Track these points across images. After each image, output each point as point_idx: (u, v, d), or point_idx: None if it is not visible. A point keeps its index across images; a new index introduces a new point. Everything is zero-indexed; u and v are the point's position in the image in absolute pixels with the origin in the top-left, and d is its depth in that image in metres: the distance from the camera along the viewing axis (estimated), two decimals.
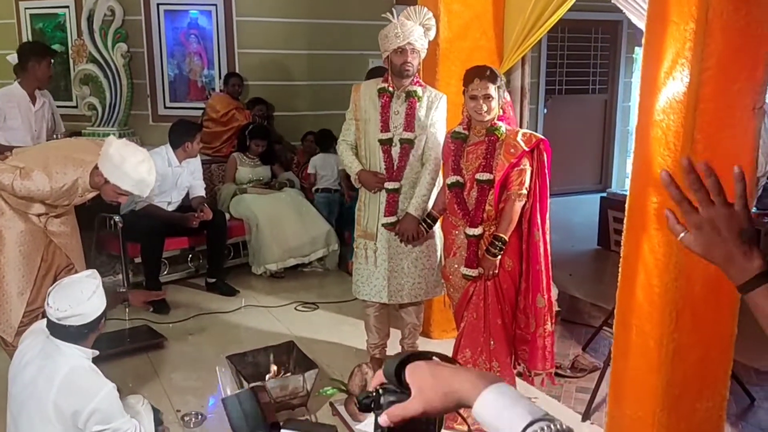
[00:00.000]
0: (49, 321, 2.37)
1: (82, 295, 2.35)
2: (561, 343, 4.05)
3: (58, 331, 2.35)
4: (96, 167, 2.90)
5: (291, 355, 3.26)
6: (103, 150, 2.88)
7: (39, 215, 3.10)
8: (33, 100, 4.15)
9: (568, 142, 8.09)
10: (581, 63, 8.12)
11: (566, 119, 8.10)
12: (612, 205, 5.88)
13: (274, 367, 3.10)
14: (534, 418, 0.80)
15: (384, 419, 0.88)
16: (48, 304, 2.36)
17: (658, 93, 2.49)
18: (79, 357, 2.37)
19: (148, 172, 2.92)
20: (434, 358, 0.94)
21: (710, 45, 2.34)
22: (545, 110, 8.02)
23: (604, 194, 6.39)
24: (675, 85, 2.43)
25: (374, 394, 0.91)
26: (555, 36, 7.74)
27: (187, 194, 4.87)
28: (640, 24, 2.71)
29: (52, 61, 4.11)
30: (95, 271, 2.54)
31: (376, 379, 0.93)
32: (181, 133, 4.66)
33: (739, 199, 1.00)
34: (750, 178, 2.54)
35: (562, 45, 7.96)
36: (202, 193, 4.90)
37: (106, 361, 3.47)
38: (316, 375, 3.04)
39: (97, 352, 2.44)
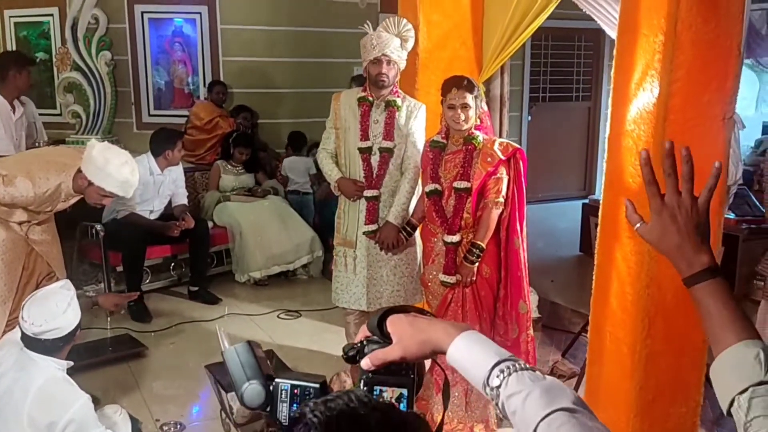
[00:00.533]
0: (23, 334, 2.36)
1: (57, 309, 2.34)
2: (541, 350, 4.08)
3: (33, 344, 2.35)
4: (79, 171, 2.91)
5: (271, 363, 3.26)
6: (86, 153, 2.90)
7: (20, 223, 3.09)
8: (13, 108, 4.15)
9: (552, 148, 8.17)
10: (565, 71, 8.19)
11: (550, 126, 8.16)
12: (594, 212, 5.88)
13: None
14: (501, 358, 0.90)
15: (366, 363, 0.95)
16: (23, 317, 2.34)
17: (629, 103, 2.53)
18: (54, 369, 2.36)
19: (131, 173, 2.95)
20: (411, 312, 1.02)
21: (679, 57, 2.38)
22: (529, 117, 8.08)
23: (587, 201, 6.45)
24: (645, 96, 2.47)
25: (359, 345, 0.99)
26: (538, 44, 7.81)
27: (170, 202, 4.87)
28: (613, 34, 2.75)
29: (31, 69, 4.11)
30: (68, 281, 2.54)
31: (361, 333, 1.01)
32: (162, 141, 4.67)
33: (706, 193, 1.02)
34: (720, 187, 2.58)
35: (546, 53, 8.02)
36: (185, 201, 4.91)
37: (86, 371, 3.49)
38: None
39: (71, 363, 2.44)
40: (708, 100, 2.48)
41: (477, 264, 3.03)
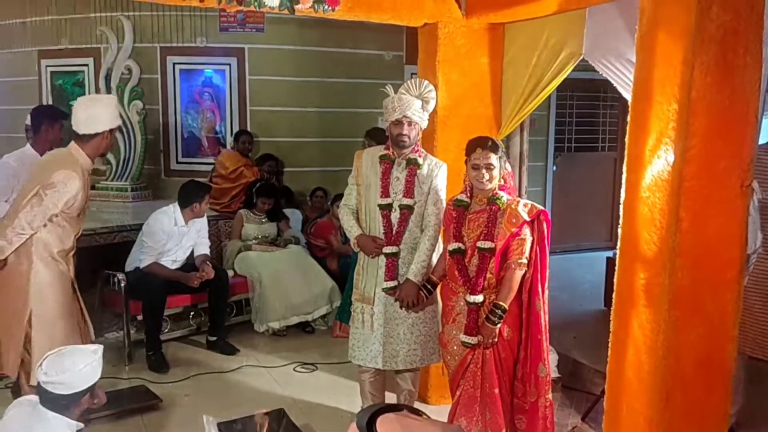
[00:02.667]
0: (38, 384, 2.38)
1: (73, 366, 2.35)
2: (560, 412, 3.97)
3: (43, 396, 2.37)
4: (80, 138, 3.28)
5: (281, 423, 3.25)
6: (73, 120, 3.30)
7: (68, 252, 3.33)
8: None
9: (577, 199, 8.11)
10: (591, 121, 8.19)
11: (576, 176, 8.12)
12: None
13: None
14: None
15: None
16: (41, 365, 2.37)
17: (644, 170, 2.51)
18: (63, 428, 2.36)
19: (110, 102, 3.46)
20: (404, 410, 0.98)
21: (694, 125, 2.37)
22: (554, 167, 8.05)
23: (610, 254, 6.34)
24: (660, 163, 2.44)
25: None
26: (563, 95, 7.83)
27: (192, 251, 4.92)
28: (628, 96, 2.74)
29: (63, 123, 4.23)
30: (101, 347, 2.54)
31: (350, 431, 0.97)
32: (190, 194, 4.74)
33: None
34: (739, 255, 2.52)
35: (571, 104, 8.04)
36: (207, 251, 4.95)
37: (98, 423, 3.50)
38: None
39: (82, 426, 2.43)
40: (724, 167, 2.45)
41: (499, 325, 2.99)
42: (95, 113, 3.32)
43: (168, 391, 4.13)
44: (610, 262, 5.99)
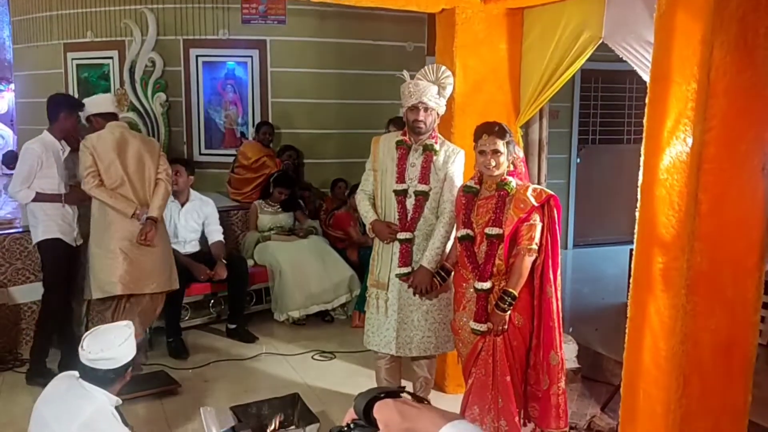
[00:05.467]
0: (80, 363, 2.49)
1: (115, 341, 2.51)
2: (580, 402, 3.94)
3: (88, 373, 2.47)
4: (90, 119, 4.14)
5: (295, 408, 3.25)
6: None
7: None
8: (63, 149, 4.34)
9: (602, 191, 7.99)
10: (615, 113, 8.06)
11: (600, 169, 8.00)
12: None
13: (277, 421, 3.09)
14: None
15: None
16: (82, 347, 2.49)
17: (662, 152, 2.46)
18: (104, 402, 2.45)
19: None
20: (403, 395, 0.99)
21: (713, 106, 2.31)
22: (578, 160, 7.95)
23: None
24: (678, 145, 2.39)
25: (346, 429, 0.97)
26: (588, 86, 7.72)
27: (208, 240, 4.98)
28: (646, 78, 2.69)
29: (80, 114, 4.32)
30: (131, 322, 2.70)
31: (348, 415, 0.98)
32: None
33: None
34: (760, 240, 2.46)
35: (596, 95, 7.92)
36: (220, 238, 4.98)
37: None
38: (317, 430, 3.02)
39: (120, 401, 2.54)
40: (745, 150, 2.39)
41: (509, 312, 2.96)
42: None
43: (187, 377, 4.18)
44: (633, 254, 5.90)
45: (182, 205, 4.89)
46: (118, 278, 3.98)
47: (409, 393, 1.00)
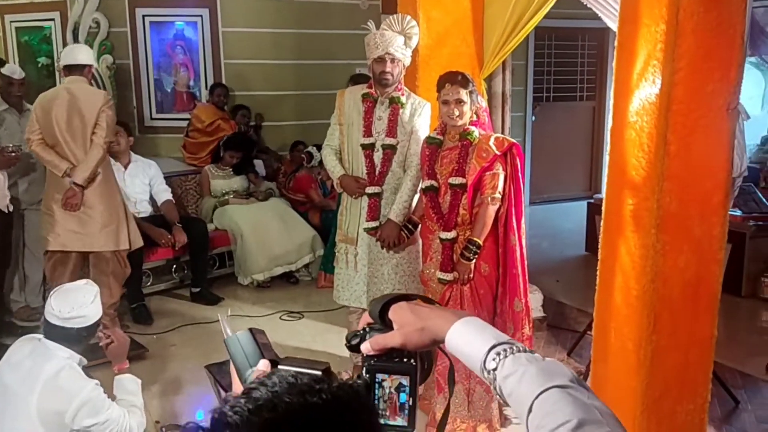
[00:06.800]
0: (47, 323, 2.43)
1: (85, 299, 2.46)
2: (546, 349, 4.04)
3: (56, 333, 2.41)
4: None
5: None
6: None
7: None
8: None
9: (557, 148, 8.12)
10: (569, 70, 8.14)
11: (554, 126, 8.11)
12: (599, 211, 5.86)
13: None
14: (498, 342, 0.89)
15: (366, 347, 0.94)
16: (51, 307, 2.42)
17: (632, 95, 2.48)
18: (67, 359, 2.40)
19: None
20: (417, 299, 1.00)
21: (681, 46, 2.34)
22: (533, 117, 8.04)
23: (592, 200, 6.39)
24: (647, 87, 2.42)
25: (362, 332, 0.98)
26: (542, 44, 7.77)
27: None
28: (613, 26, 2.71)
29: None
30: (90, 280, 2.66)
31: (363, 320, 1.00)
32: None
33: None
34: (725, 179, 2.53)
35: (549, 53, 7.98)
36: (169, 197, 4.90)
37: (85, 372, 3.46)
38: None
39: (85, 360, 2.49)
40: (712, 90, 2.43)
41: (474, 261, 2.99)
42: None
43: (154, 342, 4.11)
44: (591, 207, 6.04)
45: (125, 167, 4.74)
46: (53, 235, 3.89)
47: (421, 297, 1.02)
